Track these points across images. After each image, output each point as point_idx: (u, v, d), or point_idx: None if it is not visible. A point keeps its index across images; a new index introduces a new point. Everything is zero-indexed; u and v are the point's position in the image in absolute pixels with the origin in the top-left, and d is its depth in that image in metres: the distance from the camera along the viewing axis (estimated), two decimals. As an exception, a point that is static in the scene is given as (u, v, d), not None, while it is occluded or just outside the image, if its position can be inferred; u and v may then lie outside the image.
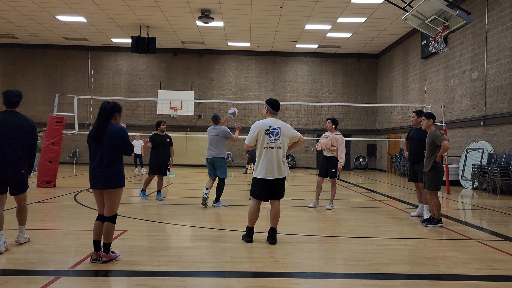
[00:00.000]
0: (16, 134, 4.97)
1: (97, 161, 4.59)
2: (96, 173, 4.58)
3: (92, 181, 4.64)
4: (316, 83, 24.54)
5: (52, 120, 12.29)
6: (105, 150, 4.56)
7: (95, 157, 4.60)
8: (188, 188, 12.38)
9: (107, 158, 4.56)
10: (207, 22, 17.65)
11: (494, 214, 8.74)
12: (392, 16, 17.09)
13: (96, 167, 4.59)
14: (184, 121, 23.95)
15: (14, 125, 4.99)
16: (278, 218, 5.66)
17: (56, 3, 16.49)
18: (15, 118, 5.04)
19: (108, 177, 4.55)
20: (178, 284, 4.01)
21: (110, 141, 4.56)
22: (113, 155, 4.60)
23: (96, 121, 4.64)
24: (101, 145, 4.56)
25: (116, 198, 4.64)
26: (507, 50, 12.52)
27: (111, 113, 4.63)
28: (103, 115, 4.60)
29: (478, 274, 4.48)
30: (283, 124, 5.67)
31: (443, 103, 15.36)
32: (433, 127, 7.16)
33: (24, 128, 5.05)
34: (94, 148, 4.61)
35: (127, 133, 4.73)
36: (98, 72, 24.16)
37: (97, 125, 4.59)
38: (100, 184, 4.58)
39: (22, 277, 4.13)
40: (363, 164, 24.36)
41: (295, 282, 4.24)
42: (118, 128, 4.65)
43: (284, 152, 5.60)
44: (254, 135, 5.57)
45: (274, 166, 5.49)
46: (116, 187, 4.60)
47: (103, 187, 4.57)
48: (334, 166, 8.66)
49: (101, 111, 4.60)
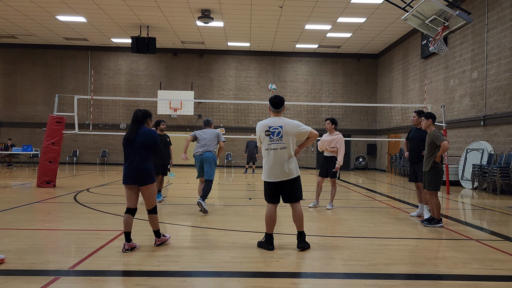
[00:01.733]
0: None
1: (131, 160, 5.14)
2: (130, 171, 5.13)
3: (127, 178, 5.16)
4: (316, 83, 24.54)
5: (52, 120, 12.28)
6: (138, 151, 5.13)
7: (130, 157, 5.16)
8: (188, 188, 12.38)
9: (139, 158, 5.12)
10: (207, 22, 17.65)
11: (494, 214, 8.74)
12: (392, 16, 17.09)
13: (130, 165, 5.14)
14: (184, 121, 23.95)
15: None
16: (301, 220, 5.34)
17: (56, 3, 16.50)
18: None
19: (142, 175, 5.12)
20: (178, 284, 4.01)
21: (143, 141, 5.13)
22: (145, 154, 5.16)
23: (130, 126, 5.27)
24: (135, 146, 5.14)
25: (151, 192, 5.23)
26: (507, 50, 12.53)
27: (143, 119, 5.27)
28: (136, 121, 5.23)
29: (478, 274, 4.48)
30: (286, 122, 5.29)
31: (443, 103, 15.36)
32: (432, 127, 7.16)
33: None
34: (129, 149, 5.17)
35: (157, 134, 5.33)
36: (98, 72, 24.16)
37: (131, 129, 5.20)
38: (135, 181, 5.13)
39: (22, 277, 4.13)
40: (363, 164, 24.37)
41: (295, 282, 4.23)
42: (149, 130, 5.25)
43: (290, 152, 5.25)
44: (257, 137, 5.40)
45: (278, 168, 5.20)
46: (150, 183, 5.18)
47: (139, 185, 5.15)
48: (334, 166, 8.65)
49: (134, 117, 5.24)
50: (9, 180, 14.38)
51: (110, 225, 6.69)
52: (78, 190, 11.42)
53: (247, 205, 9.49)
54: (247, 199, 10.40)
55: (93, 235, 5.95)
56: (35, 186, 12.07)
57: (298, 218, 5.35)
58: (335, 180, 8.88)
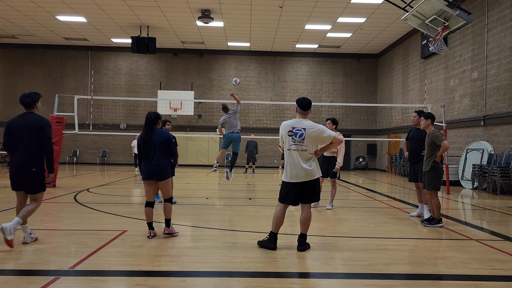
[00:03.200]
0: (25, 133, 5.18)
1: (149, 158, 5.69)
2: (149, 168, 5.69)
3: (146, 174, 5.72)
4: (316, 83, 24.54)
5: (52, 120, 12.27)
6: (155, 149, 5.67)
7: (148, 155, 5.70)
8: (188, 188, 12.38)
9: (157, 155, 5.67)
10: (207, 22, 17.65)
11: (494, 214, 8.74)
12: (392, 16, 17.09)
13: (149, 162, 5.70)
14: (184, 121, 23.95)
15: (23, 125, 5.22)
16: (308, 223, 5.32)
17: (56, 3, 16.50)
18: (26, 118, 5.26)
19: (161, 171, 5.70)
20: (178, 284, 4.01)
21: (159, 141, 5.68)
22: (161, 152, 5.70)
23: (144, 127, 5.73)
24: (151, 145, 5.67)
25: (168, 185, 5.85)
26: (507, 50, 12.52)
27: (155, 120, 5.78)
28: (149, 123, 5.73)
29: (478, 274, 4.48)
30: (311, 125, 5.21)
31: (443, 103, 15.36)
32: (431, 127, 7.17)
33: (32, 126, 5.20)
34: (147, 148, 5.69)
35: (171, 135, 5.89)
36: (98, 72, 24.16)
37: (147, 131, 5.69)
38: (154, 177, 5.72)
39: (22, 277, 4.13)
40: (363, 164, 24.37)
41: (295, 282, 4.24)
42: (163, 130, 5.83)
43: (310, 154, 5.18)
44: (280, 136, 5.35)
45: (299, 169, 5.13)
46: (167, 177, 5.79)
47: (158, 179, 5.73)
48: (334, 167, 8.66)
49: (147, 119, 5.74)
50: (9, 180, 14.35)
51: (110, 225, 6.70)
52: (78, 190, 11.42)
53: (247, 205, 9.49)
54: (247, 199, 10.40)
55: (93, 235, 5.95)
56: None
57: (306, 221, 5.31)
58: (335, 180, 8.88)
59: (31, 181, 5.26)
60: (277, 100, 23.66)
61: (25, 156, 5.18)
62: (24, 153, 5.17)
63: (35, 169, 5.21)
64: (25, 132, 5.17)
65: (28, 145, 5.17)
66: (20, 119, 5.27)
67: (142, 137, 5.70)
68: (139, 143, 5.74)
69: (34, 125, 5.20)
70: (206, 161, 23.95)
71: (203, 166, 23.58)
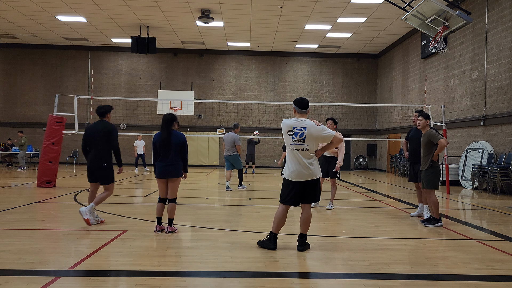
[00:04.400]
0: (97, 137, 6.57)
1: (164, 158, 6.05)
2: (164, 167, 6.04)
3: (160, 173, 6.08)
4: (316, 83, 24.54)
5: (52, 120, 12.29)
6: (170, 150, 6.03)
7: (164, 155, 6.04)
8: (189, 188, 12.38)
9: (171, 155, 6.04)
10: (207, 22, 17.65)
11: (494, 214, 8.74)
12: (392, 16, 17.09)
13: (163, 161, 6.05)
14: (184, 121, 23.94)
15: (96, 130, 6.62)
16: (308, 223, 5.33)
17: (56, 3, 16.50)
18: (98, 125, 6.67)
19: (174, 170, 6.07)
20: (178, 284, 4.01)
21: (175, 142, 6.04)
22: (175, 152, 6.07)
23: (161, 128, 6.10)
24: (167, 146, 6.02)
25: (176, 185, 6.18)
26: (507, 50, 12.52)
27: (171, 122, 6.13)
28: (166, 124, 6.09)
29: (478, 274, 4.48)
30: (311, 124, 5.23)
31: (443, 103, 15.37)
32: (427, 127, 7.20)
33: (102, 131, 6.58)
34: (163, 148, 6.03)
35: (185, 136, 6.24)
36: (98, 72, 24.16)
37: (165, 132, 6.05)
38: (167, 175, 6.06)
39: (22, 277, 4.13)
40: (363, 164, 24.37)
41: (295, 282, 4.24)
42: (178, 132, 6.20)
43: (311, 154, 5.20)
44: (283, 135, 5.34)
45: (301, 168, 5.14)
46: (178, 176, 6.15)
47: (169, 177, 6.07)
48: (334, 167, 8.66)
49: (164, 121, 6.11)
50: (9, 180, 14.38)
51: (110, 225, 6.69)
52: (78, 190, 11.42)
53: (247, 205, 9.49)
54: (247, 199, 10.40)
55: (93, 235, 5.95)
56: (35, 186, 12.08)
57: (306, 221, 5.32)
58: (335, 180, 8.88)
59: (102, 174, 6.59)
60: (277, 100, 23.67)
61: (97, 155, 6.54)
62: (97, 152, 6.54)
63: (105, 165, 6.55)
64: (97, 136, 6.55)
65: (99, 145, 6.54)
66: (94, 126, 6.69)
67: (162, 139, 6.04)
68: (156, 143, 6.09)
69: (104, 130, 6.57)
70: (206, 161, 23.95)
71: (203, 166, 23.58)
